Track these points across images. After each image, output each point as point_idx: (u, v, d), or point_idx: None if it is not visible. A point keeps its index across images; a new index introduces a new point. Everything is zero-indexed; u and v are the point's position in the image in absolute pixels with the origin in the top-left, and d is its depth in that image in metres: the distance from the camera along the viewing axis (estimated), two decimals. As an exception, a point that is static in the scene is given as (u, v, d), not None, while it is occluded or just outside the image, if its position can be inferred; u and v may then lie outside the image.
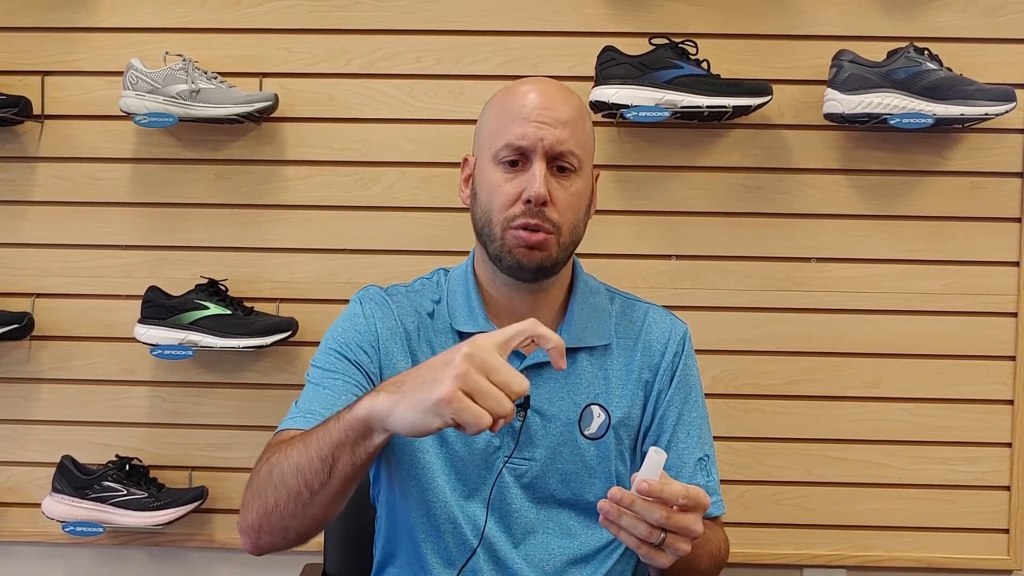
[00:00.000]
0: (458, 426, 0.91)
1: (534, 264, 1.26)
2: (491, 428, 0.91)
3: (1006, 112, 1.76)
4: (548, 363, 1.27)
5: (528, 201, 1.23)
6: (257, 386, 1.94)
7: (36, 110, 1.90)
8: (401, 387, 0.97)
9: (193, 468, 1.94)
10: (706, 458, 1.36)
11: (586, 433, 1.31)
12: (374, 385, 1.27)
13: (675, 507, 1.02)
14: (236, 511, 1.90)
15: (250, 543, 1.13)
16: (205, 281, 1.86)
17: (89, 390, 1.94)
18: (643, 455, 1.30)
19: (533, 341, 0.97)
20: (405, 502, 1.30)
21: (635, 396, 1.34)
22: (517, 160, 1.26)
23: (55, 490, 1.86)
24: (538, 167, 1.24)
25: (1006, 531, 1.93)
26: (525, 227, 1.24)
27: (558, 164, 1.26)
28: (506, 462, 1.28)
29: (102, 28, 1.91)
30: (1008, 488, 1.92)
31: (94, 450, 1.93)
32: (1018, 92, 1.78)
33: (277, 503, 1.07)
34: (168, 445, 1.94)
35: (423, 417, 0.93)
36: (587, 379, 1.32)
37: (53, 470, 1.87)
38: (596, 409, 1.31)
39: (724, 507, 1.38)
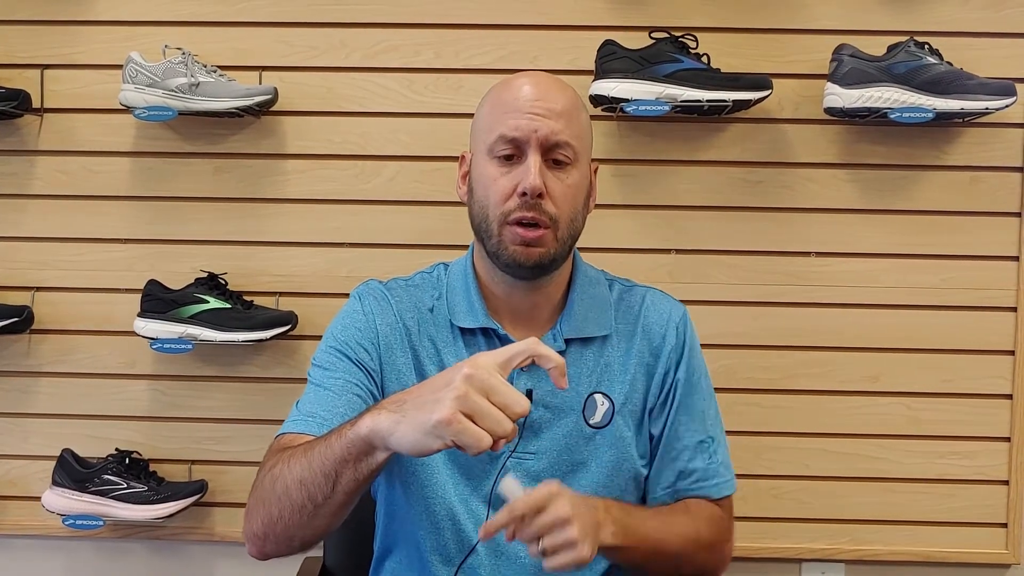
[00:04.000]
0: (459, 447, 0.91)
1: (532, 261, 1.25)
2: (492, 448, 0.91)
3: (1006, 106, 1.76)
4: None
5: (524, 194, 1.23)
6: (257, 380, 1.94)
7: (35, 103, 1.89)
8: (402, 406, 0.96)
9: (193, 462, 1.94)
10: (709, 440, 1.36)
11: (591, 422, 1.31)
12: (375, 382, 1.28)
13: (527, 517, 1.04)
14: (236, 504, 1.93)
15: (256, 550, 1.14)
16: (205, 275, 1.86)
17: (89, 384, 1.95)
18: (651, 437, 1.34)
19: (534, 361, 0.97)
20: (405, 497, 1.30)
21: (636, 380, 1.34)
22: (512, 154, 1.25)
23: (55, 483, 1.86)
24: (533, 159, 1.23)
25: (1004, 525, 1.93)
26: (521, 221, 1.24)
27: (553, 157, 1.25)
28: (510, 456, 1.27)
29: (101, 21, 1.91)
30: (1007, 482, 1.92)
31: (94, 443, 1.93)
32: (1018, 86, 1.78)
33: (281, 515, 1.07)
34: (168, 439, 1.94)
35: (423, 439, 0.93)
36: (588, 368, 1.32)
37: (53, 463, 1.88)
38: (599, 398, 1.31)
39: (733, 487, 1.38)
